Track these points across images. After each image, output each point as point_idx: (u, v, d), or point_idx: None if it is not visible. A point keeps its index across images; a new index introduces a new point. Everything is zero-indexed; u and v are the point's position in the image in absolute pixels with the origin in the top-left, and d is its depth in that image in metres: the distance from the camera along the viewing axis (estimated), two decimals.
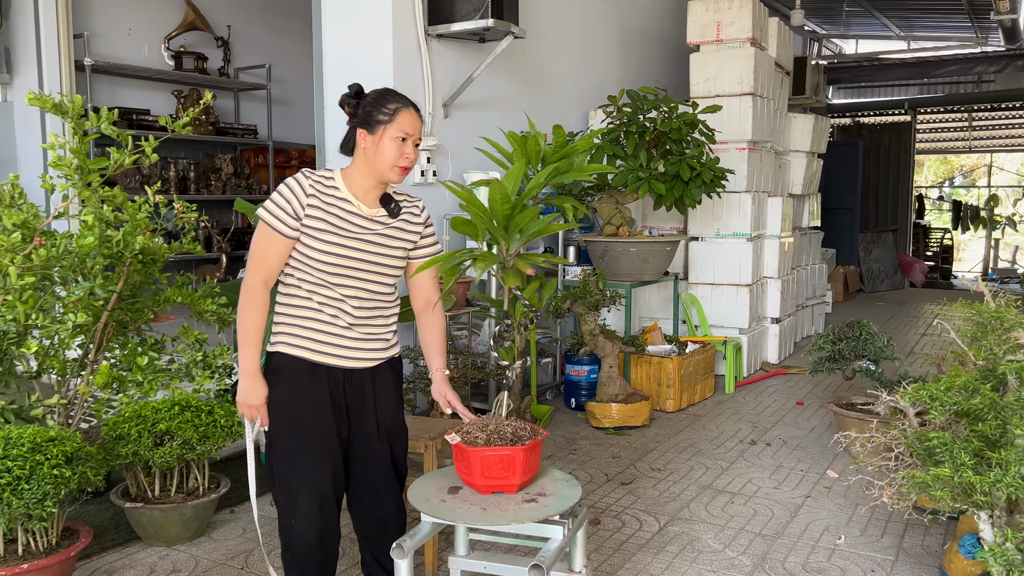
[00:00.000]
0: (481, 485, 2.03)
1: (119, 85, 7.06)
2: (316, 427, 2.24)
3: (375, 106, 2.21)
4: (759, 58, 6.13)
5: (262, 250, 2.21)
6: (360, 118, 2.23)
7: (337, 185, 2.25)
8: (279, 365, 2.26)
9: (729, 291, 6.19)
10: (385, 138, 2.19)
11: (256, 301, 2.20)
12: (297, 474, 2.24)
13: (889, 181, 12.95)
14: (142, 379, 3.43)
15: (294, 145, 8.19)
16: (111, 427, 3.17)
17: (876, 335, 4.34)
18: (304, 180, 2.21)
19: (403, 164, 2.23)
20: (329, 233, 2.20)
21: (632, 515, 3.55)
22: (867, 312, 9.83)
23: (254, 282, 2.20)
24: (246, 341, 2.19)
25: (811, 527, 3.43)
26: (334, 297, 2.23)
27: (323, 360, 2.25)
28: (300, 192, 2.20)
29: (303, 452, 2.24)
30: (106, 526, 3.35)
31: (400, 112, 2.22)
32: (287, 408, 2.25)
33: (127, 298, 3.70)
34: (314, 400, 2.24)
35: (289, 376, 2.24)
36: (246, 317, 2.20)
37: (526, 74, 5.99)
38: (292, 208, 2.19)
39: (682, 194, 5.14)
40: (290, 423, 2.25)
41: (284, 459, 2.25)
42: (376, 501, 2.37)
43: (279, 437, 2.26)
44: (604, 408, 4.79)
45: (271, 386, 2.26)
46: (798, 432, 4.80)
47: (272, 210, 2.20)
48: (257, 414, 2.24)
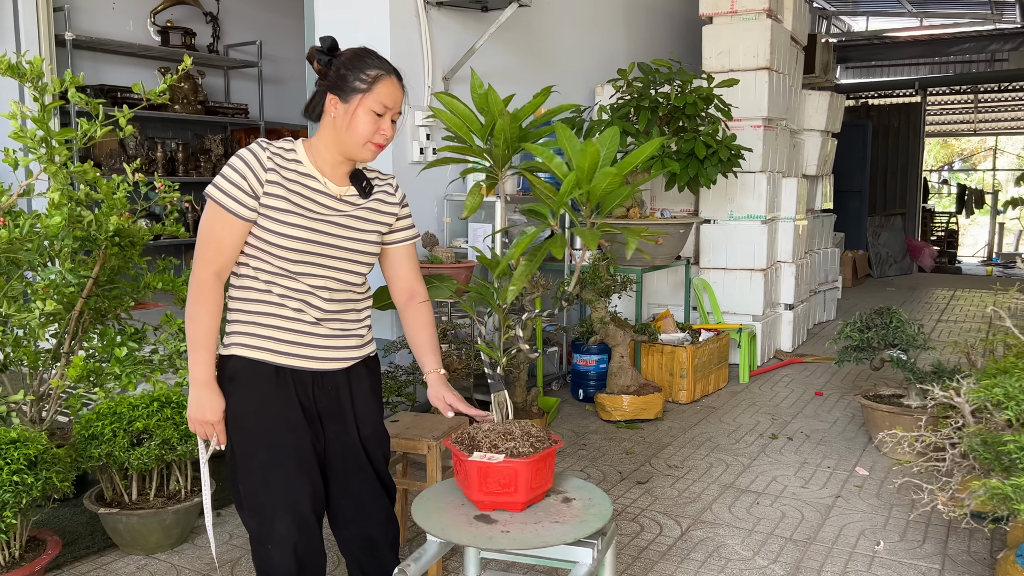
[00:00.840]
0: (479, 500, 1.76)
1: (103, 61, 6.74)
2: (286, 438, 1.93)
3: (351, 69, 1.89)
4: (775, 30, 5.83)
5: (214, 236, 1.87)
6: (332, 81, 1.90)
7: (300, 159, 1.93)
8: (235, 371, 1.93)
9: (743, 276, 5.92)
10: (360, 110, 1.87)
11: (208, 297, 1.87)
12: (268, 494, 1.92)
13: (898, 163, 12.65)
14: (120, 372, 3.16)
15: (287, 125, 7.88)
16: (83, 425, 2.89)
17: (907, 323, 4.06)
18: (261, 152, 1.88)
19: (378, 141, 1.91)
20: (292, 214, 1.87)
21: (651, 518, 3.29)
22: (877, 298, 9.57)
23: (204, 275, 1.87)
24: (197, 345, 1.87)
25: (846, 531, 3.16)
26: (298, 289, 1.91)
27: (288, 363, 1.93)
28: (257, 166, 1.87)
29: (274, 468, 1.92)
30: (80, 532, 3.08)
31: (381, 81, 1.89)
32: (249, 419, 1.92)
33: (104, 284, 3.41)
34: (280, 407, 1.93)
35: (248, 382, 1.92)
36: (196, 317, 1.86)
37: (530, 46, 5.68)
38: (249, 184, 1.85)
39: (697, 173, 4.86)
40: (255, 436, 1.92)
41: (251, 478, 1.93)
42: (362, 518, 2.07)
43: (243, 453, 1.93)
44: (615, 400, 4.52)
45: (227, 395, 1.92)
46: (820, 425, 4.54)
47: (224, 187, 1.85)
48: (212, 431, 1.91)
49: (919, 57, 12.36)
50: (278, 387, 1.92)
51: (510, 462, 1.72)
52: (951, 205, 18.41)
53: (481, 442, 1.80)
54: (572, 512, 1.79)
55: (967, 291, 10.21)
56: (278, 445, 1.92)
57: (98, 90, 6.28)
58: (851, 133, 11.04)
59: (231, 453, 1.95)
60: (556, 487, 1.93)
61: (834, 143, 7.65)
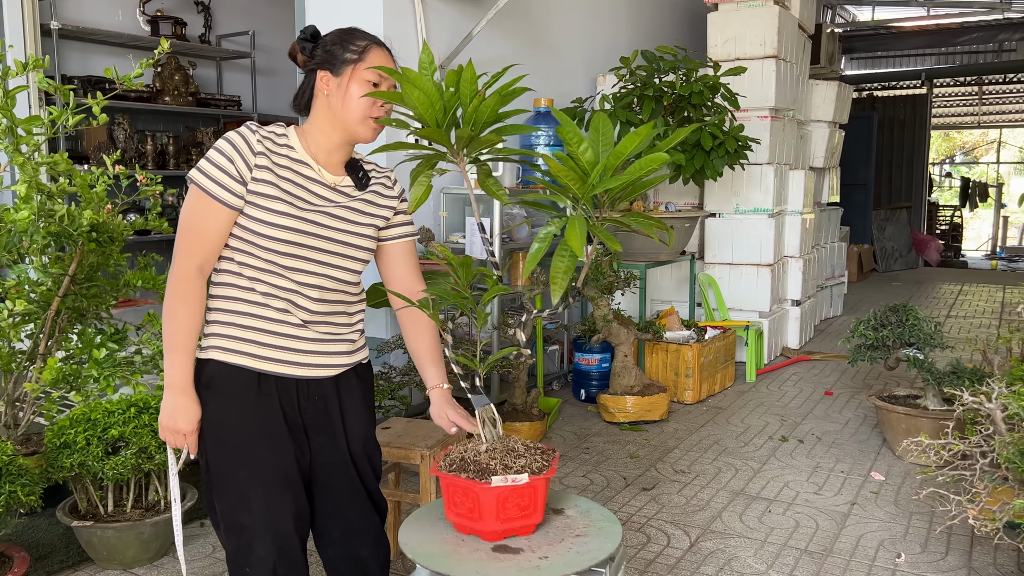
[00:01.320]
0: (493, 531, 1.56)
1: (90, 52, 6.55)
2: (267, 454, 1.75)
3: (339, 44, 1.77)
4: (783, 18, 5.64)
5: (196, 224, 1.70)
6: (320, 58, 1.77)
7: (292, 144, 1.78)
8: (212, 377, 1.75)
9: (749, 271, 5.74)
10: (354, 82, 1.74)
11: (189, 294, 1.69)
12: (248, 514, 1.75)
13: (903, 156, 12.46)
14: (98, 374, 2.99)
15: (280, 117, 7.69)
16: (55, 433, 2.71)
17: (923, 320, 3.89)
18: (250, 135, 1.72)
19: (378, 114, 1.77)
20: (281, 202, 1.71)
21: (658, 528, 3.12)
22: (883, 293, 9.40)
23: (186, 269, 1.70)
24: (174, 345, 1.70)
25: (864, 542, 2.99)
26: (285, 287, 1.74)
27: (270, 368, 1.76)
28: (246, 149, 1.70)
29: (254, 486, 1.74)
30: (54, 546, 2.90)
31: (371, 50, 1.77)
32: (226, 432, 1.75)
33: (82, 282, 3.24)
34: (262, 419, 1.76)
35: (227, 390, 1.75)
36: (175, 315, 1.69)
37: (529, 34, 5.50)
38: (236, 169, 1.69)
39: (703, 165, 4.68)
40: (233, 451, 1.74)
41: (229, 496, 1.75)
42: (350, 538, 1.89)
43: (220, 470, 1.75)
44: (619, 401, 4.35)
45: (203, 404, 1.75)
46: (831, 426, 4.37)
47: (209, 171, 1.69)
48: (184, 442, 1.74)
49: (925, 47, 12.16)
50: (259, 396, 1.75)
51: (535, 480, 1.54)
52: (953, 199, 18.24)
53: (488, 464, 1.59)
54: (580, 523, 1.62)
55: (974, 285, 10.03)
56: (259, 461, 1.75)
57: (85, 81, 6.10)
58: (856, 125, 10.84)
59: (207, 468, 1.78)
60: (559, 508, 1.75)
61: (841, 135, 7.47)
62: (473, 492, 1.52)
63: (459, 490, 1.55)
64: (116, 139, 6.48)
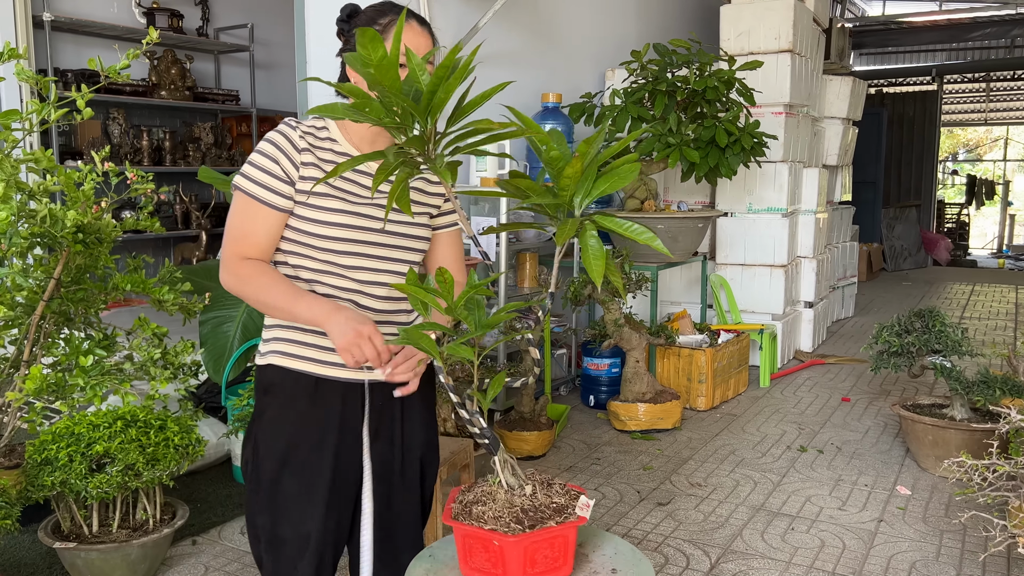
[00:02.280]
0: None
1: (84, 45, 6.38)
2: (321, 465, 1.65)
3: (365, 23, 1.67)
4: (798, 11, 5.46)
5: (245, 231, 1.60)
6: (349, 44, 1.71)
7: (334, 137, 1.66)
8: (272, 382, 1.67)
9: (762, 272, 5.57)
10: None
11: (250, 268, 1.58)
12: (292, 528, 1.65)
13: (913, 153, 12.27)
14: (84, 383, 2.82)
15: (280, 113, 7.51)
16: (36, 448, 2.55)
17: (950, 327, 3.72)
18: (291, 131, 1.61)
19: None
20: (333, 199, 1.61)
21: (675, 547, 2.95)
22: (894, 294, 9.23)
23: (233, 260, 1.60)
24: (289, 299, 1.56)
25: (895, 563, 2.82)
26: (346, 288, 1.63)
27: (331, 373, 1.65)
28: (289, 147, 1.60)
29: (302, 499, 1.65)
30: (36, 566, 2.74)
31: (392, 28, 1.63)
32: (281, 440, 1.66)
33: (68, 285, 3.07)
34: (317, 428, 1.65)
35: (284, 397, 1.66)
36: (260, 287, 1.57)
37: (537, 27, 5.32)
38: (282, 169, 1.59)
39: (717, 163, 4.50)
40: (286, 460, 1.65)
41: (274, 508, 1.66)
42: (393, 562, 1.76)
43: (267, 478, 1.66)
44: (630, 409, 4.18)
45: (261, 410, 1.68)
46: (851, 436, 4.20)
47: (253, 175, 1.59)
48: (376, 344, 1.50)
49: (936, 43, 11.97)
50: (316, 403, 1.66)
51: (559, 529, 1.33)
52: (957, 196, 18.06)
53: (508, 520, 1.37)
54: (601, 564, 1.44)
55: (986, 285, 9.86)
56: (311, 474, 1.66)
57: (79, 75, 5.93)
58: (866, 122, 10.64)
59: (255, 475, 1.69)
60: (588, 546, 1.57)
61: (855, 132, 7.30)
62: (494, 545, 1.33)
63: (478, 542, 1.36)
64: (111, 134, 6.31)
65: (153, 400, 2.88)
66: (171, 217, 6.53)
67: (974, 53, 12.85)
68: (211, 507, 3.23)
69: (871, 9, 11.67)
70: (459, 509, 1.41)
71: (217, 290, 3.61)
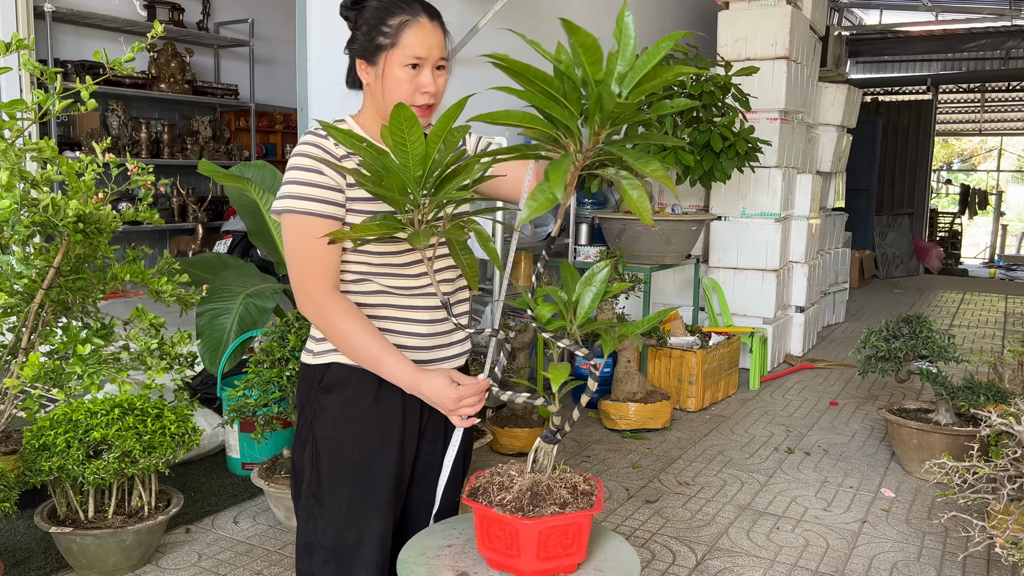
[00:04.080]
0: (487, 557, 1.42)
1: (85, 36, 6.41)
2: (382, 468, 1.62)
3: (374, 23, 1.58)
4: (795, 18, 5.52)
5: (313, 254, 1.52)
6: (357, 42, 1.61)
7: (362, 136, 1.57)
8: (334, 382, 1.61)
9: (754, 276, 5.63)
10: (391, 69, 1.56)
11: (342, 308, 1.53)
12: (354, 533, 1.60)
13: (907, 162, 12.36)
14: (82, 371, 2.85)
15: (279, 108, 7.56)
16: (34, 434, 2.58)
17: (937, 333, 3.78)
18: (324, 140, 1.57)
19: (420, 102, 1.59)
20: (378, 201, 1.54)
21: (663, 543, 3.00)
22: (885, 300, 9.31)
23: (321, 294, 1.53)
24: (377, 355, 1.52)
25: (877, 563, 2.88)
26: (407, 287, 1.61)
27: None
28: (329, 157, 1.55)
29: (364, 505, 1.60)
30: (32, 551, 2.77)
31: (407, 28, 1.56)
32: (345, 443, 1.60)
33: (67, 274, 3.10)
34: (380, 427, 1.61)
35: (351, 394, 1.60)
36: (350, 335, 1.52)
37: (536, 29, 5.36)
38: (332, 177, 1.54)
39: (712, 167, 4.55)
40: (347, 465, 1.60)
41: (334, 515, 1.60)
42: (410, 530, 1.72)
43: (330, 484, 1.61)
44: (620, 408, 4.23)
45: (323, 409, 1.61)
46: (838, 438, 4.25)
47: (302, 192, 1.52)
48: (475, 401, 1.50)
49: (932, 53, 12.06)
50: (379, 401, 1.61)
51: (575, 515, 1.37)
52: (950, 205, 18.18)
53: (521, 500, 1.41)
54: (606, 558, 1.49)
55: (976, 294, 9.95)
56: (372, 477, 1.61)
57: (79, 65, 5.95)
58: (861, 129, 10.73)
59: (314, 480, 1.62)
60: None
61: (849, 139, 7.37)
62: (512, 527, 1.37)
63: (495, 523, 1.39)
64: (109, 126, 6.34)
65: (149, 389, 2.91)
66: (168, 209, 6.56)
67: (969, 64, 12.95)
68: (205, 496, 3.26)
69: (868, 18, 11.75)
70: (478, 490, 1.45)
71: (214, 282, 3.65)
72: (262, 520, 3.11)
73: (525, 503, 1.39)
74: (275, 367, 2.98)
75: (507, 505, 1.40)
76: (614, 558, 1.50)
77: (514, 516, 1.36)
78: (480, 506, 1.40)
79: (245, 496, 3.30)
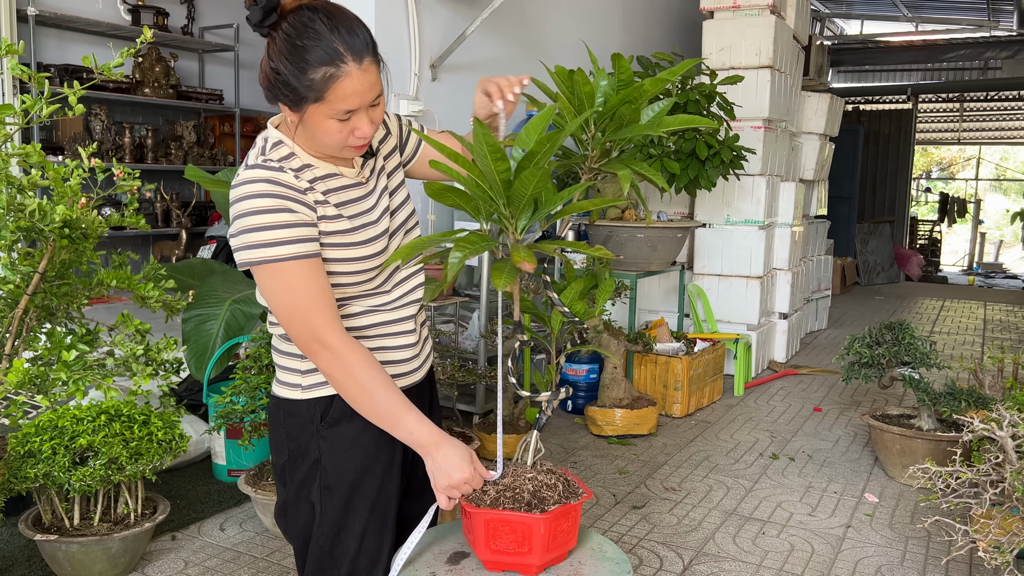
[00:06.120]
0: (488, 560, 1.45)
1: (68, 40, 6.36)
2: (391, 489, 1.60)
3: (292, 71, 1.35)
4: (779, 27, 5.58)
5: (310, 296, 1.41)
6: (273, 85, 1.39)
7: (309, 163, 1.48)
8: (343, 413, 1.52)
9: (738, 283, 5.67)
10: (318, 120, 1.40)
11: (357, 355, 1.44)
12: (366, 557, 1.58)
13: (888, 170, 12.50)
14: (67, 377, 2.83)
15: (263, 113, 7.53)
16: (19, 441, 2.56)
17: (919, 340, 3.82)
18: (280, 174, 1.42)
19: (355, 144, 1.44)
20: (358, 231, 1.50)
21: (650, 549, 3.02)
22: (867, 307, 9.39)
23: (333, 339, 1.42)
24: (396, 412, 1.45)
25: (861, 568, 2.91)
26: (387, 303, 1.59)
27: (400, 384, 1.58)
28: (291, 192, 1.42)
29: (374, 525, 1.58)
30: (16, 558, 2.75)
31: (333, 82, 1.35)
32: (361, 473, 1.56)
33: (52, 279, 3.08)
34: (391, 451, 1.58)
35: (360, 425, 1.52)
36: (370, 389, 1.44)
37: (523, 36, 5.39)
38: (300, 214, 1.42)
39: (697, 175, 4.59)
40: (358, 491, 1.56)
41: (347, 541, 1.57)
42: None
43: (345, 516, 1.56)
44: (607, 414, 4.25)
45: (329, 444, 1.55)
46: (822, 444, 4.29)
47: (279, 238, 1.38)
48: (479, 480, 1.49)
49: (912, 63, 12.21)
50: None
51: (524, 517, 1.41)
52: (930, 213, 18.39)
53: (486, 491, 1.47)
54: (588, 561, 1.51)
55: (955, 301, 10.06)
56: (383, 501, 1.59)
57: (62, 69, 5.91)
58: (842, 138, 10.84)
59: (325, 520, 1.56)
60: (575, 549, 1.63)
61: (832, 147, 7.44)
62: (525, 525, 1.40)
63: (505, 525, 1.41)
64: (92, 131, 6.29)
65: (136, 396, 2.90)
66: (152, 215, 6.52)
67: (948, 74, 13.13)
68: (191, 503, 3.24)
69: (849, 28, 11.89)
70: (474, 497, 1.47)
71: (200, 288, 3.64)
72: (249, 527, 3.10)
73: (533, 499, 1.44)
74: (263, 373, 2.98)
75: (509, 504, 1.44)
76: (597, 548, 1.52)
77: (527, 514, 1.41)
78: (486, 510, 1.43)
79: (231, 503, 3.28)
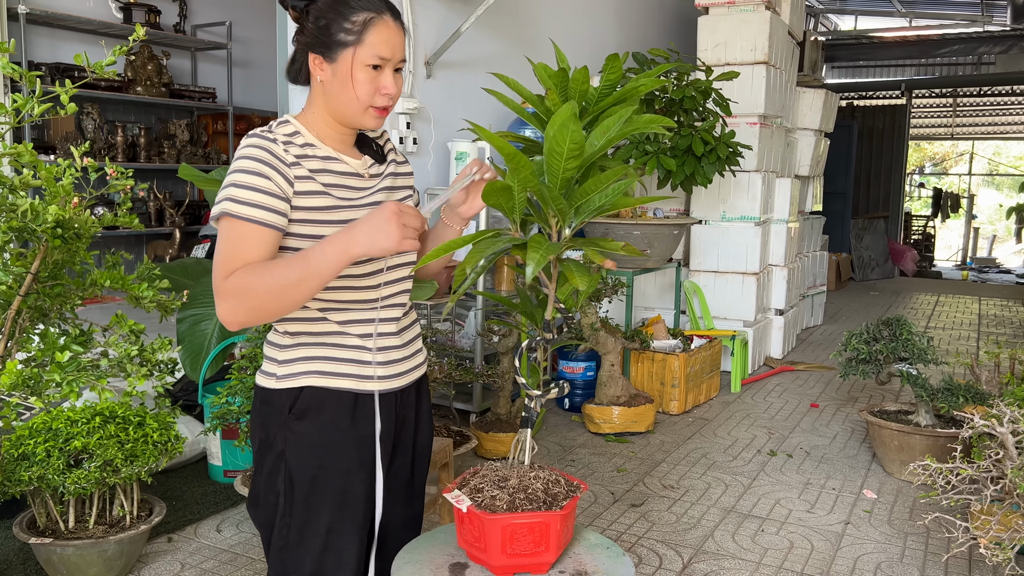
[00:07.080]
0: (500, 565, 1.42)
1: (60, 39, 6.32)
2: (360, 490, 1.56)
3: (333, 16, 1.46)
4: (774, 23, 5.57)
5: (237, 255, 1.40)
6: (311, 35, 1.48)
7: (311, 142, 1.51)
8: (309, 406, 1.52)
9: (734, 280, 5.66)
10: (353, 68, 1.46)
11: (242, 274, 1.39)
12: (333, 560, 1.54)
13: (882, 166, 12.52)
14: (61, 379, 2.80)
15: (257, 112, 7.50)
16: (13, 443, 2.54)
17: (916, 335, 3.82)
18: (274, 145, 1.45)
19: (380, 104, 1.49)
20: (337, 210, 1.48)
21: (649, 547, 3.00)
22: (862, 303, 9.40)
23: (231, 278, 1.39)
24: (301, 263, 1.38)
25: (861, 564, 2.90)
26: (366, 299, 1.55)
27: (370, 387, 1.55)
28: (278, 162, 1.44)
29: (338, 530, 1.54)
30: (10, 562, 2.72)
31: (373, 26, 1.45)
32: (321, 470, 1.53)
33: (45, 280, 3.05)
34: (356, 449, 1.55)
35: (326, 418, 1.53)
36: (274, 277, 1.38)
37: (518, 33, 5.37)
38: (276, 185, 1.43)
39: (693, 171, 4.58)
40: (321, 491, 1.53)
41: (316, 541, 1.53)
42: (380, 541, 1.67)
43: (303, 512, 1.53)
44: (604, 412, 4.23)
45: (295, 436, 1.53)
46: (820, 440, 4.28)
47: (244, 197, 1.40)
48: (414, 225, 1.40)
49: (906, 58, 12.22)
50: (357, 421, 1.55)
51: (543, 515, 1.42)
52: (924, 208, 18.43)
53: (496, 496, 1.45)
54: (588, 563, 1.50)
55: (950, 296, 10.08)
56: (350, 500, 1.55)
57: (53, 68, 5.87)
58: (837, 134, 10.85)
59: (287, 510, 1.54)
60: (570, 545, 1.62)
61: (827, 143, 7.44)
62: (544, 524, 1.39)
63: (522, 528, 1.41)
64: (85, 129, 6.25)
65: (130, 397, 2.87)
66: (145, 214, 6.49)
67: (942, 69, 13.14)
68: (187, 505, 3.22)
69: (843, 23, 11.89)
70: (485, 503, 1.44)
71: (195, 288, 3.61)
72: (245, 528, 3.08)
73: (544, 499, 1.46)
74: None
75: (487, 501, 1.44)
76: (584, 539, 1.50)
77: (546, 512, 1.41)
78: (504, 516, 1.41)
79: (227, 504, 3.26)
